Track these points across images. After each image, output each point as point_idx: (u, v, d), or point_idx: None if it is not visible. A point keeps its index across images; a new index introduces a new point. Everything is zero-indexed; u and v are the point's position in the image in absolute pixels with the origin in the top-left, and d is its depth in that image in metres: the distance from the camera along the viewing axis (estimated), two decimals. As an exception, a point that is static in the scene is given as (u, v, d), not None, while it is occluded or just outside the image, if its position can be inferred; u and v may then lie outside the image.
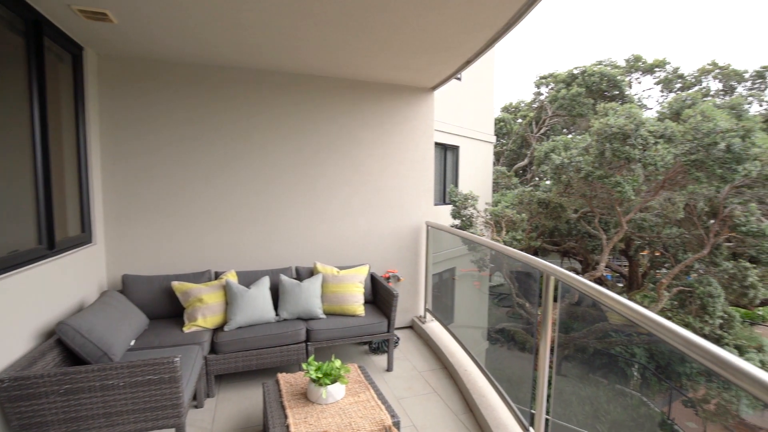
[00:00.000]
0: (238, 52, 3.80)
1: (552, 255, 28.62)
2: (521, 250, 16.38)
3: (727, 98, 17.71)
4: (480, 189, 11.94)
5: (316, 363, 2.89)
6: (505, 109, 21.53)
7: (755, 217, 8.80)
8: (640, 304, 17.71)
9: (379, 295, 4.38)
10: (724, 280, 11.19)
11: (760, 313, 23.39)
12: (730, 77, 18.98)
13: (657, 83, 19.93)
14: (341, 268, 4.41)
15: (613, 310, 1.76)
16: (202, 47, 3.65)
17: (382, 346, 4.49)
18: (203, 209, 4.27)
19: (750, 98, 17.15)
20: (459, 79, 11.20)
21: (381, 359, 4.35)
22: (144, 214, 4.07)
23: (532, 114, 17.84)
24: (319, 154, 4.66)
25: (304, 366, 2.88)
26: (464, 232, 4.44)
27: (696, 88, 19.08)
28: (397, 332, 5.06)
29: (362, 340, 4.04)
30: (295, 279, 4.25)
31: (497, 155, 19.67)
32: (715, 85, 20.09)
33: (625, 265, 22.25)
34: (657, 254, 16.67)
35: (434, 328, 4.95)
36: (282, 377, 3.10)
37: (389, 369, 4.12)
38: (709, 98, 17.27)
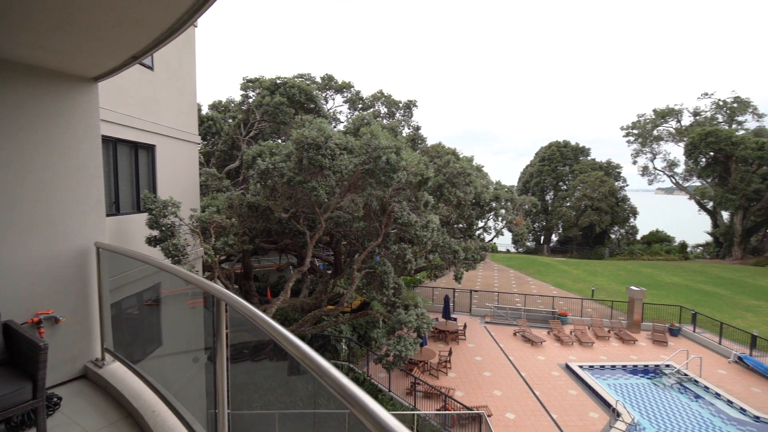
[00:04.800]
0: None
1: (271, 253, 29.90)
2: (235, 254, 16.07)
3: (390, 120, 23.34)
4: (185, 193, 10.94)
5: None
6: (214, 107, 20.66)
7: (406, 212, 11.95)
8: (342, 287, 20.60)
9: (19, 352, 3.23)
10: (393, 259, 14.70)
11: (418, 278, 32.30)
12: (391, 104, 25.12)
13: (345, 102, 24.07)
14: (-62, 326, 2.98)
15: (263, 329, 1.88)
16: None
17: (28, 418, 3.34)
18: None
19: (403, 122, 23.26)
20: (150, 68, 9.82)
21: (28, 436, 3.23)
22: None
23: (241, 116, 17.87)
24: None
25: None
26: (141, 253, 3.84)
27: (371, 110, 24.21)
28: (58, 390, 3.91)
29: (-13, 422, 2.87)
30: None
31: (208, 155, 18.66)
32: (383, 109, 26.12)
33: (332, 255, 25.86)
34: (352, 244, 20.14)
35: (116, 370, 4.11)
36: None
37: (41, 446, 3.10)
38: (380, 119, 22.28)
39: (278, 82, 16.81)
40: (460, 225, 21.22)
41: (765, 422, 14.09)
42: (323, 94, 22.52)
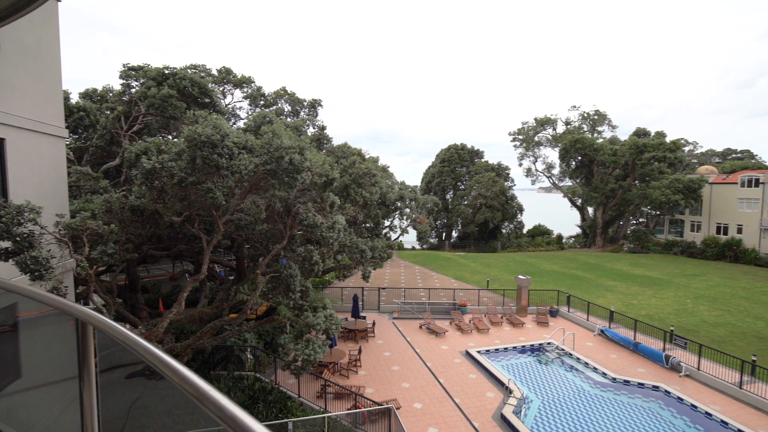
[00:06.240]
0: None
1: (164, 260, 27.15)
2: (117, 264, 14.18)
3: (294, 119, 22.73)
4: (49, 196, 9.33)
5: None
6: (87, 96, 17.94)
7: (311, 213, 11.74)
8: (246, 293, 19.56)
9: None
10: (299, 261, 14.35)
11: (327, 278, 32.05)
12: (295, 102, 24.47)
13: (245, 97, 22.77)
14: None
15: (135, 352, 1.66)
16: None
17: None
18: None
19: (308, 122, 22.85)
20: (-5, 46, 8.17)
21: None
22: None
23: (121, 107, 15.76)
24: None
25: None
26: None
27: (274, 107, 23.30)
28: None
29: None
30: None
31: (80, 152, 16.15)
32: (287, 107, 25.33)
33: (234, 260, 24.35)
34: (256, 247, 19.19)
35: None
36: None
37: None
38: (283, 117, 21.55)
39: (166, 72, 15.09)
40: (367, 224, 21.57)
41: (619, 382, 16.88)
42: (220, 89, 20.96)
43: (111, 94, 18.19)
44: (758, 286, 30.93)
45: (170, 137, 17.73)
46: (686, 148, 66.17)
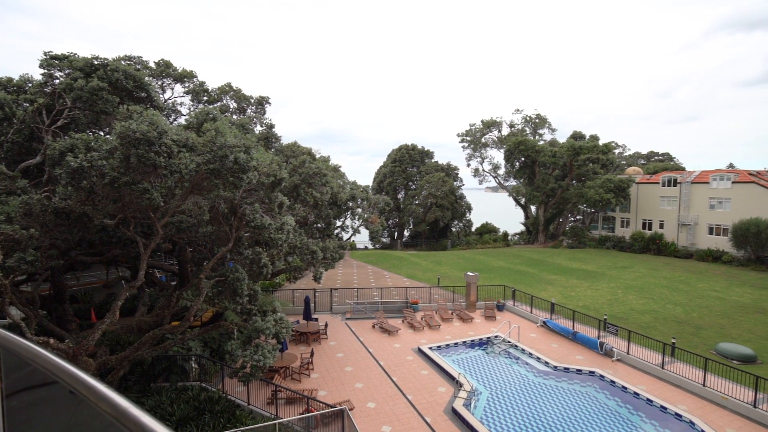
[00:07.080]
0: None
1: (97, 267, 25.10)
2: (39, 272, 12.96)
3: (240, 116, 21.89)
4: (-47, 198, 8.27)
5: None
6: (1, 86, 16.09)
7: (259, 214, 11.37)
8: (189, 299, 18.55)
9: None
10: (247, 264, 13.85)
11: (277, 281, 31.22)
12: (242, 99, 23.57)
13: (187, 93, 21.56)
14: None
15: (48, 372, 1.49)
16: None
17: None
18: None
19: (255, 119, 22.10)
20: None
21: None
22: None
23: (42, 100, 14.28)
24: None
25: None
26: None
27: (218, 104, 22.28)
28: None
29: None
30: None
31: (-8, 149, 14.45)
32: (232, 104, 24.33)
33: (176, 264, 23.03)
34: (199, 251, 18.29)
35: None
36: None
37: None
38: (228, 114, 20.68)
39: (96, 63, 13.86)
40: (318, 225, 21.28)
41: (560, 370, 17.98)
42: (158, 83, 19.69)
43: (30, 85, 16.43)
44: (677, 276, 34.25)
45: (101, 134, 16.39)
46: (616, 151, 71.88)
